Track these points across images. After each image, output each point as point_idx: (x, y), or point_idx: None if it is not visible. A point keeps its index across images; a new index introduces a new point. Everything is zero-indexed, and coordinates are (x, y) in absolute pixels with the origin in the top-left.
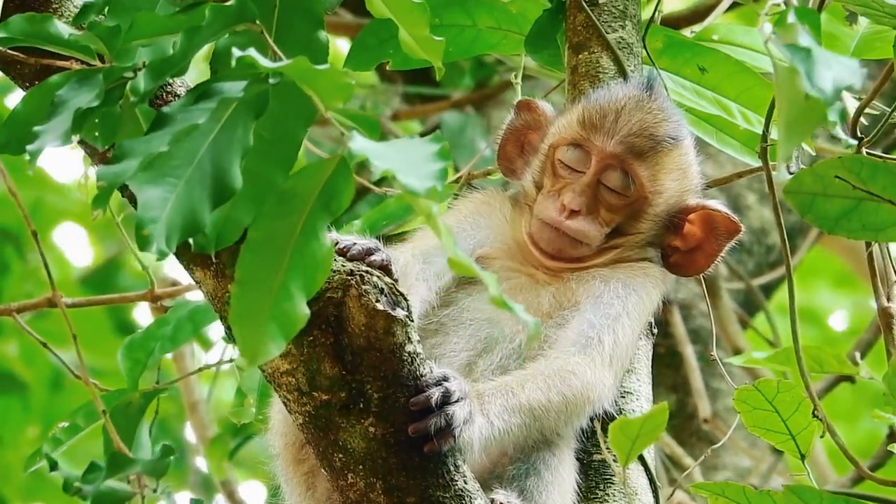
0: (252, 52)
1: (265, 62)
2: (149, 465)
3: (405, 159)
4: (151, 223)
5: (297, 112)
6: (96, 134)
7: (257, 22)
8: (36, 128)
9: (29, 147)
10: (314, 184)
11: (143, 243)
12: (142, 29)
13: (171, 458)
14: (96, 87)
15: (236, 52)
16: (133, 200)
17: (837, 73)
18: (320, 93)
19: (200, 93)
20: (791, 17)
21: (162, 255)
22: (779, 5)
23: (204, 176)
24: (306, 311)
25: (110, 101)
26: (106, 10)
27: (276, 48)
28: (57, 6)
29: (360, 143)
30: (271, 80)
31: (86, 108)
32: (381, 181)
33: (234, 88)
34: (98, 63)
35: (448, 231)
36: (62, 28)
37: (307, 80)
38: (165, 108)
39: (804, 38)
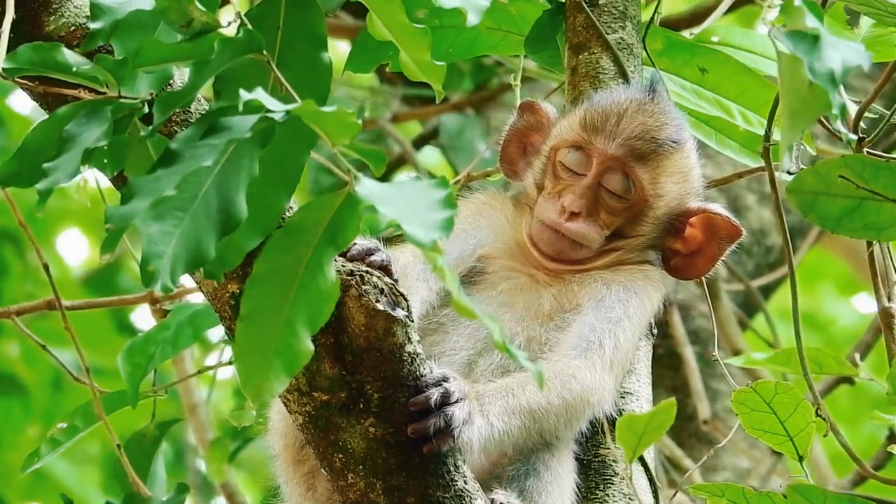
0: (259, 93)
1: (273, 105)
2: None
3: (410, 207)
4: (157, 258)
5: (299, 138)
6: (104, 161)
7: (264, 52)
8: (45, 165)
9: (38, 186)
10: (321, 218)
11: (148, 279)
12: (149, 56)
13: (186, 494)
14: (105, 122)
15: (244, 95)
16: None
17: (845, 53)
18: (327, 132)
19: (208, 126)
20: (797, 1)
21: (167, 291)
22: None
23: (209, 208)
24: (311, 346)
25: (118, 130)
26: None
27: (282, 78)
28: (57, 6)
29: (366, 188)
30: (278, 118)
31: (94, 147)
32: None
33: (242, 125)
34: (106, 90)
35: (453, 277)
36: (70, 57)
37: (315, 121)
38: (173, 145)
39: (811, 21)
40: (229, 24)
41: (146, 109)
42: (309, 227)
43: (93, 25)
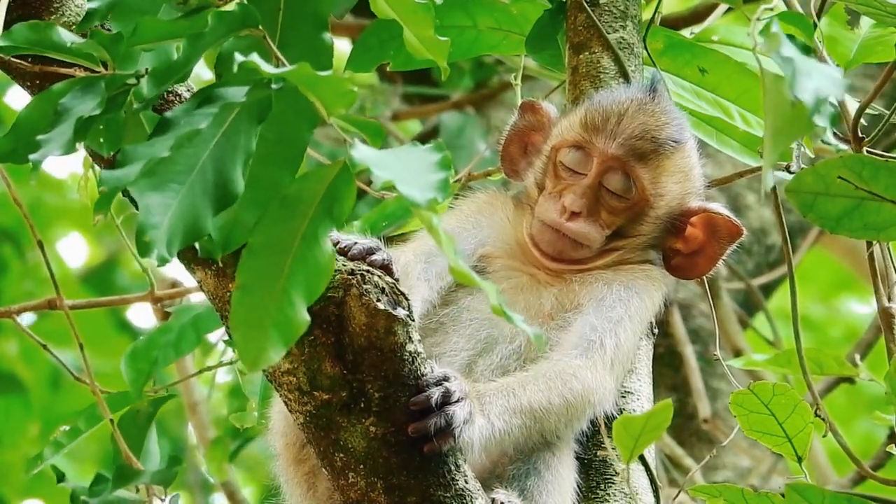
0: (254, 57)
1: (267, 67)
2: (156, 476)
3: (406, 169)
4: (153, 229)
5: (301, 115)
6: (101, 140)
7: (260, 27)
8: (39, 137)
9: (32, 156)
10: (316, 189)
11: (145, 249)
12: (145, 34)
13: (179, 466)
14: (99, 95)
15: (239, 58)
16: (135, 202)
17: (819, 83)
18: (323, 99)
19: (203, 97)
20: (775, 27)
21: (163, 262)
22: (771, 9)
23: (206, 182)
24: (307, 317)
25: (114, 107)
26: (109, 15)
27: (279, 53)
28: (59, 5)
29: (361, 152)
30: (274, 86)
31: (88, 117)
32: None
33: (237, 94)
34: (102, 69)
35: (450, 239)
36: (65, 35)
37: (309, 87)
38: (168, 113)
39: (787, 49)
40: (226, 1)
41: (142, 86)
42: (305, 199)
43: (89, 5)
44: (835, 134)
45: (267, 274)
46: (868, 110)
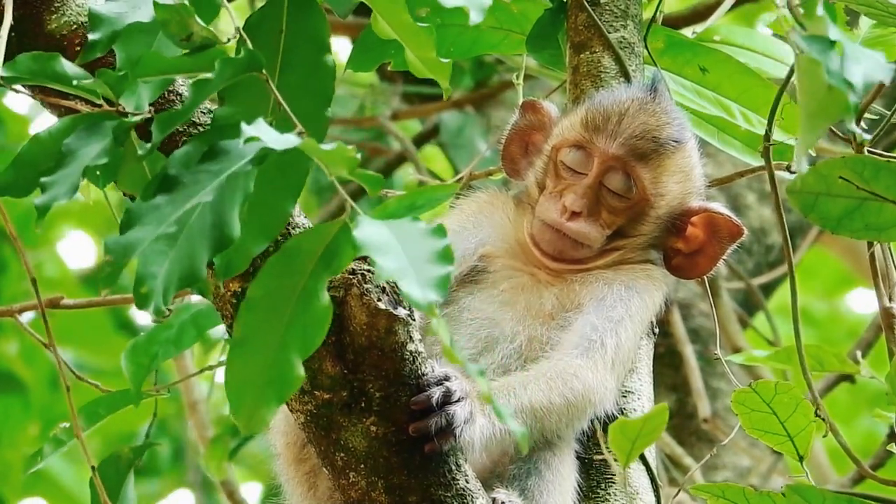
0: (260, 128)
1: (273, 141)
2: None
3: (408, 259)
4: (151, 279)
5: (302, 164)
6: (97, 174)
7: (264, 71)
8: (44, 179)
9: (37, 202)
10: (317, 245)
11: (142, 301)
12: (149, 68)
13: None
14: (106, 138)
15: (246, 130)
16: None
17: (867, 67)
18: (327, 163)
19: (207, 147)
20: (820, 10)
21: (159, 314)
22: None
23: (203, 227)
24: (302, 373)
25: (115, 143)
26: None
27: (282, 100)
28: (60, 4)
29: (364, 233)
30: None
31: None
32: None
33: (241, 155)
34: (103, 103)
35: (445, 326)
36: (69, 68)
37: (315, 155)
38: (171, 170)
39: (834, 32)
40: (229, 40)
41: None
42: (305, 253)
43: (91, 36)
44: (835, 134)
45: (264, 329)
46: (868, 112)
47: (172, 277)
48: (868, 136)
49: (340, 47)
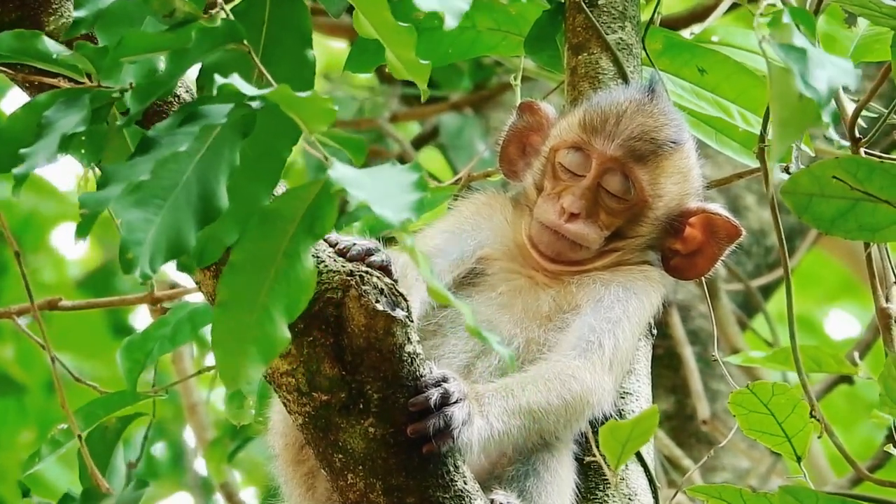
0: (234, 78)
1: (247, 89)
2: (123, 499)
3: (381, 189)
4: (136, 246)
5: (282, 131)
6: (82, 151)
7: (245, 42)
8: (22, 150)
9: (15, 171)
10: (298, 207)
11: (128, 266)
12: (130, 46)
13: (145, 489)
14: (83, 109)
15: (219, 80)
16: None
17: (832, 73)
18: (304, 118)
19: (185, 115)
20: (786, 18)
21: (146, 278)
22: (773, 5)
23: (190, 197)
24: (287, 334)
25: (97, 119)
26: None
27: (262, 68)
28: (57, 6)
29: (339, 172)
30: (255, 105)
31: (72, 133)
32: None
33: (218, 113)
34: (86, 80)
35: (426, 259)
36: (50, 45)
37: (291, 107)
38: (150, 132)
39: (798, 39)
40: (210, 13)
41: (125, 99)
42: (286, 216)
43: (76, 14)
44: (830, 139)
45: (248, 291)
46: (865, 111)
47: (159, 246)
48: (846, 143)
49: (339, 49)
